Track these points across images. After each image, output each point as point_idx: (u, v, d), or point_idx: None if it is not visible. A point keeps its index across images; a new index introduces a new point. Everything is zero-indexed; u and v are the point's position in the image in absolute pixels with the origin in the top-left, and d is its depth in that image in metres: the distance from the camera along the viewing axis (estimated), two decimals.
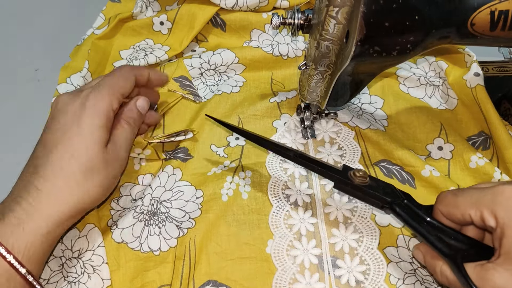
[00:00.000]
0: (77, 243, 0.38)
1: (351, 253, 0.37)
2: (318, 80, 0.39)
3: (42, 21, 0.58)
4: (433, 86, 0.49)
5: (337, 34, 0.33)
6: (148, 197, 0.40)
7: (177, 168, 0.42)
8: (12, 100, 0.51)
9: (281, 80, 0.51)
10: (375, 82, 0.50)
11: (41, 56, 0.55)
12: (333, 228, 0.39)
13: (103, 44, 0.53)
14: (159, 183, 0.41)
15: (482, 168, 0.42)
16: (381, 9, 0.29)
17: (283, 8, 0.54)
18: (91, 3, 0.58)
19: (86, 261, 0.38)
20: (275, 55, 0.50)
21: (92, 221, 0.40)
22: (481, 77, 0.46)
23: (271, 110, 0.47)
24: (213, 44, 0.54)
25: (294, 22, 0.37)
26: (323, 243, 0.38)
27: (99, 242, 0.38)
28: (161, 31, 0.54)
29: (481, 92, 0.45)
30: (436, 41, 0.33)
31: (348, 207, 0.40)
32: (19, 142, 0.47)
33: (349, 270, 0.36)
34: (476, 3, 0.31)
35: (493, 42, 0.33)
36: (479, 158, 0.43)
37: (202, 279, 0.36)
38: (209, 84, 0.50)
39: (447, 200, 0.31)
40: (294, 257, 0.37)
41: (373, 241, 0.38)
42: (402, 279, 0.36)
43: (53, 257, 0.38)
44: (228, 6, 0.51)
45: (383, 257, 0.37)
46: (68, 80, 0.51)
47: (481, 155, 0.43)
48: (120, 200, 0.42)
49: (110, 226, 0.40)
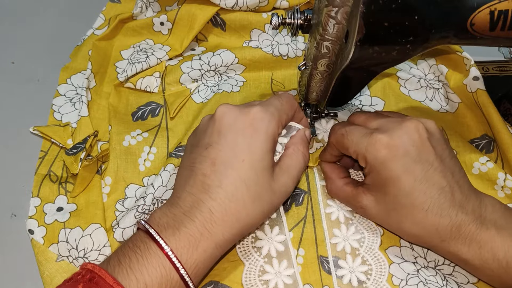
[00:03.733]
0: (81, 242, 0.39)
1: (353, 253, 0.37)
2: (318, 80, 0.39)
3: (42, 21, 0.58)
4: (433, 89, 0.49)
5: (336, 34, 0.33)
6: (150, 197, 0.40)
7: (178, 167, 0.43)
8: (12, 100, 0.51)
9: (281, 80, 0.51)
10: (376, 83, 0.50)
11: (41, 56, 0.55)
12: (334, 228, 0.39)
13: (104, 45, 0.53)
14: (161, 182, 0.41)
15: (485, 175, 0.42)
16: (380, 9, 0.29)
17: (282, 8, 0.54)
18: (91, 3, 0.58)
19: (92, 261, 0.38)
20: (275, 55, 0.50)
21: (97, 221, 0.40)
22: (481, 81, 0.46)
23: None
24: (213, 44, 0.54)
25: (293, 22, 0.37)
26: (327, 244, 0.38)
27: (104, 242, 0.39)
28: (162, 31, 0.54)
29: (482, 96, 0.45)
30: (436, 41, 0.33)
31: (349, 208, 0.40)
32: (19, 142, 0.47)
33: (351, 270, 0.36)
34: (476, 3, 0.31)
35: (493, 42, 0.33)
36: (482, 164, 0.42)
37: (204, 280, 0.36)
38: (210, 85, 0.50)
39: (337, 137, 0.38)
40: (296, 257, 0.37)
41: (375, 241, 0.38)
42: (405, 280, 0.36)
43: (61, 257, 0.38)
44: (228, 6, 0.51)
45: (385, 258, 0.37)
46: (69, 80, 0.51)
47: (486, 159, 0.43)
48: (125, 202, 0.42)
49: (113, 226, 0.40)
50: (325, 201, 0.40)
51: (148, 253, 0.31)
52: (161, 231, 0.32)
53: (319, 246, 0.38)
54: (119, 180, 0.43)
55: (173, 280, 0.30)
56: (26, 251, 0.40)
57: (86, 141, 0.43)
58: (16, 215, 0.43)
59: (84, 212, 0.41)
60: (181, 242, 0.31)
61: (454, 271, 0.37)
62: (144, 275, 0.30)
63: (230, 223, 0.33)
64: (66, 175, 0.43)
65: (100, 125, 0.47)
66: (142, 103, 0.49)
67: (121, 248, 0.32)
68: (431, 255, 0.37)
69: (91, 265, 0.30)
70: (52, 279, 0.37)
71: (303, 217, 0.40)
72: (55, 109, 0.48)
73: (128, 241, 0.32)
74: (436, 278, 0.36)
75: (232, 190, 0.33)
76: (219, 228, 0.32)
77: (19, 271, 0.39)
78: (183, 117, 0.48)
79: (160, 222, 0.32)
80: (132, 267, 0.30)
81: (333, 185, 0.40)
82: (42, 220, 0.40)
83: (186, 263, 0.31)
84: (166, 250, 0.30)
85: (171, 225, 0.32)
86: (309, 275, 0.37)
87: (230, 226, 0.33)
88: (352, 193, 0.38)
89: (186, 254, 0.31)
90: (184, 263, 0.31)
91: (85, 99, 0.47)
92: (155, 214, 0.33)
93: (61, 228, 0.40)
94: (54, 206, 0.42)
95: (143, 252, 0.31)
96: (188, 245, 0.31)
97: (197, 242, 0.31)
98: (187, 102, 0.49)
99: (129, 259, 0.30)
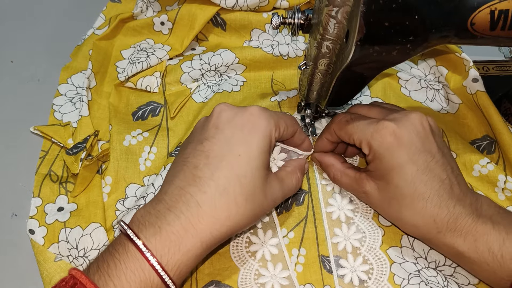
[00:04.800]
0: (81, 242, 0.39)
1: (354, 253, 0.37)
2: (318, 80, 0.39)
3: (42, 21, 0.58)
4: (434, 90, 0.49)
5: (337, 33, 0.33)
6: (151, 196, 0.40)
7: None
8: (12, 100, 0.51)
9: (281, 80, 0.51)
10: (376, 83, 0.50)
11: (41, 56, 0.55)
12: (335, 227, 0.39)
13: (104, 44, 0.53)
14: (162, 182, 0.41)
15: (486, 177, 0.42)
16: (380, 8, 0.29)
17: (283, 8, 0.54)
18: (92, 3, 0.58)
19: (92, 260, 0.38)
20: (275, 55, 0.50)
21: (97, 221, 0.40)
22: (480, 82, 0.46)
23: (272, 109, 0.47)
24: (213, 44, 0.54)
25: (294, 22, 0.37)
26: (328, 243, 0.38)
27: (104, 241, 0.39)
28: (162, 31, 0.54)
29: (482, 97, 0.45)
30: (436, 41, 0.33)
31: (349, 208, 0.40)
32: (20, 141, 0.47)
33: (352, 269, 0.36)
34: (476, 3, 0.31)
35: (493, 42, 0.33)
36: (482, 166, 0.42)
37: (205, 280, 0.36)
38: (210, 85, 0.50)
39: (341, 123, 0.38)
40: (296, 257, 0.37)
41: (376, 241, 0.38)
42: (407, 279, 0.36)
43: (60, 257, 0.38)
44: (228, 6, 0.51)
45: (386, 257, 0.37)
46: (69, 80, 0.51)
47: (487, 161, 0.43)
48: (126, 201, 0.42)
49: (113, 226, 0.40)
50: (326, 201, 0.40)
51: (126, 256, 0.29)
52: (141, 230, 0.30)
53: (320, 246, 0.38)
54: (119, 179, 0.43)
55: (154, 283, 0.29)
56: (26, 251, 0.40)
57: (86, 140, 0.43)
58: (17, 214, 0.43)
59: (85, 211, 0.41)
60: (162, 242, 0.29)
61: (455, 272, 0.36)
62: (122, 281, 0.28)
63: (220, 220, 0.30)
64: (67, 175, 0.43)
65: (101, 125, 0.47)
66: (142, 102, 0.49)
67: (102, 253, 0.30)
68: (432, 255, 0.37)
69: (74, 271, 0.29)
70: (50, 279, 0.37)
71: (304, 216, 0.40)
72: (55, 109, 0.48)
73: (109, 246, 0.31)
74: (437, 278, 0.36)
75: (225, 183, 0.31)
76: (206, 225, 0.30)
77: (19, 271, 0.40)
78: (183, 117, 0.48)
79: (141, 221, 0.30)
80: (110, 274, 0.28)
81: (336, 170, 0.40)
82: (43, 220, 0.40)
83: (167, 265, 0.29)
84: (145, 253, 0.29)
85: (153, 223, 0.30)
86: (310, 274, 0.37)
87: (220, 223, 0.30)
88: (356, 176, 0.38)
89: (167, 254, 0.29)
90: (165, 265, 0.29)
91: (85, 98, 0.47)
92: (138, 213, 0.31)
93: (62, 228, 0.40)
94: (55, 206, 0.42)
95: (121, 255, 0.29)
96: (170, 245, 0.29)
97: (181, 240, 0.29)
98: (187, 102, 0.49)
99: (107, 265, 0.29)
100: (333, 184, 0.41)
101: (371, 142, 0.35)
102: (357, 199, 0.40)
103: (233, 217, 0.31)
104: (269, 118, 0.34)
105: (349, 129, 0.37)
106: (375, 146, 0.35)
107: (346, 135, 0.38)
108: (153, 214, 0.31)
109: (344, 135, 0.38)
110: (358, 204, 0.40)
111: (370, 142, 0.35)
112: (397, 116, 0.36)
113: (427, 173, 0.34)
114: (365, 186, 0.37)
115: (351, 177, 0.38)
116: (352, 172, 0.39)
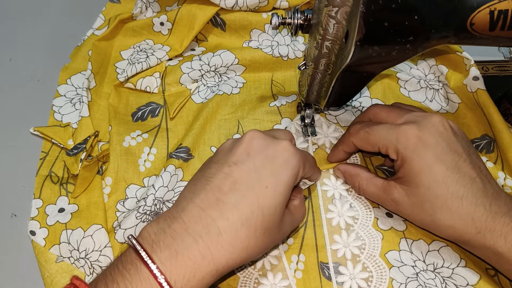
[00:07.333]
0: (82, 243, 0.39)
1: (354, 260, 0.37)
2: (318, 80, 0.39)
3: (42, 22, 0.58)
4: (433, 89, 0.49)
5: (336, 34, 0.33)
6: (151, 197, 0.40)
7: (179, 168, 0.43)
8: (12, 101, 0.51)
9: (281, 81, 0.51)
10: (376, 84, 0.50)
11: (41, 56, 0.55)
12: (335, 234, 0.38)
13: (104, 45, 0.53)
14: (162, 183, 0.41)
15: None
16: (380, 9, 0.29)
17: (282, 8, 0.54)
18: (91, 4, 0.58)
19: (93, 261, 0.38)
20: (275, 56, 0.50)
21: (99, 222, 0.40)
22: (481, 80, 0.46)
23: (271, 114, 0.47)
24: (213, 44, 0.54)
25: (293, 22, 0.37)
26: (327, 250, 0.38)
27: (105, 243, 0.39)
28: (161, 31, 0.54)
29: (483, 95, 0.45)
30: (436, 41, 0.33)
31: (350, 214, 0.39)
32: (20, 142, 0.47)
33: (352, 276, 0.36)
34: (476, 3, 0.31)
35: (493, 42, 0.33)
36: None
37: None
38: (210, 85, 0.50)
39: (360, 136, 0.38)
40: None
41: (376, 248, 0.37)
42: (404, 284, 0.35)
43: (61, 258, 0.38)
44: (228, 6, 0.51)
45: (386, 265, 0.37)
46: (69, 81, 0.51)
47: (485, 159, 0.42)
48: (126, 202, 0.42)
49: (115, 227, 0.40)
50: (326, 206, 0.40)
51: (138, 279, 0.27)
52: (155, 251, 0.28)
53: (320, 252, 0.38)
54: (119, 180, 0.43)
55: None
56: (27, 251, 0.40)
57: (86, 141, 0.43)
58: (17, 215, 0.43)
59: (85, 213, 0.41)
60: (178, 267, 0.28)
61: (453, 274, 0.36)
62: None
63: (237, 250, 0.29)
64: (67, 176, 0.43)
65: (100, 126, 0.47)
66: (142, 103, 0.49)
67: (110, 269, 0.29)
68: (430, 258, 0.37)
69: (78, 281, 0.27)
70: (52, 279, 0.37)
71: (304, 222, 0.39)
72: (55, 110, 0.48)
73: (118, 261, 0.29)
74: (435, 281, 0.36)
75: (248, 214, 0.30)
76: (224, 254, 0.29)
77: (19, 271, 0.39)
78: (183, 118, 0.48)
79: (155, 240, 0.29)
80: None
81: (362, 179, 0.39)
82: (44, 221, 0.40)
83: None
84: (159, 279, 0.27)
85: (169, 245, 0.28)
86: (309, 281, 0.36)
87: (236, 254, 0.29)
88: (383, 185, 0.37)
89: (182, 281, 0.28)
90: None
91: (85, 99, 0.47)
92: (150, 229, 0.30)
93: (63, 229, 0.40)
94: (56, 207, 0.42)
95: (133, 277, 0.27)
96: (185, 271, 0.28)
97: (197, 266, 0.28)
98: (187, 103, 0.49)
99: (117, 285, 0.27)
100: (334, 190, 0.41)
101: (398, 146, 0.35)
102: (357, 206, 0.40)
103: (250, 249, 0.30)
104: (300, 157, 0.34)
105: (371, 139, 0.37)
106: (401, 149, 0.35)
107: (370, 145, 0.37)
108: (168, 234, 0.29)
109: (367, 145, 0.38)
110: (358, 211, 0.40)
111: (396, 147, 0.35)
112: (418, 119, 0.36)
113: (457, 171, 0.33)
114: (393, 193, 0.36)
115: (378, 186, 0.38)
116: (379, 180, 0.38)
